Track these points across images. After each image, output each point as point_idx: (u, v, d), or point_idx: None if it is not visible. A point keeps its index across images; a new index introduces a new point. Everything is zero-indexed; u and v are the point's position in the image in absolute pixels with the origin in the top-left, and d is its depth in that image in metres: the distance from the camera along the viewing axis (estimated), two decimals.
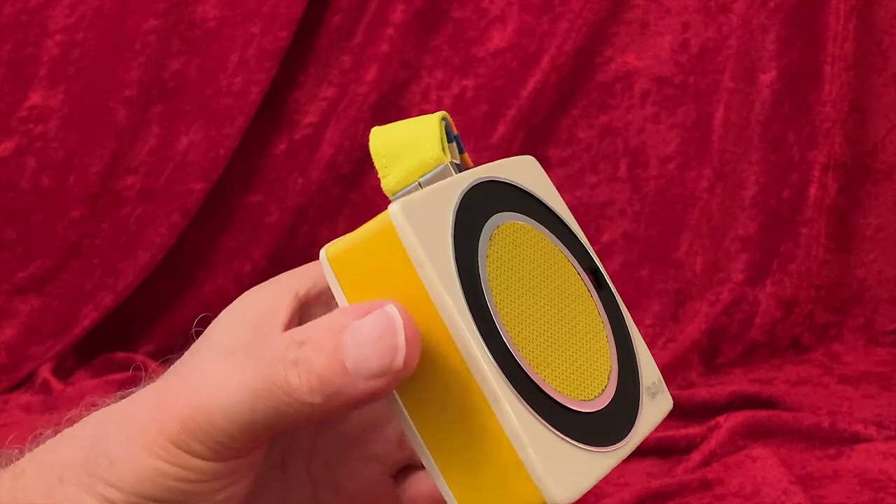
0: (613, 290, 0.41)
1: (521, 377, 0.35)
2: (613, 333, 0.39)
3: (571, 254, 0.39)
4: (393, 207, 0.34)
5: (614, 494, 0.77)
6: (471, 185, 0.37)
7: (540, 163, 0.41)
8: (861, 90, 1.06)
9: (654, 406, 0.40)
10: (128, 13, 1.08)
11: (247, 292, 0.40)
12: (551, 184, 0.40)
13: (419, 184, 0.36)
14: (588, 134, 1.08)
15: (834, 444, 0.82)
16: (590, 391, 0.37)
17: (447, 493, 0.35)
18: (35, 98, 1.08)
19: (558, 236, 0.39)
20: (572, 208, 1.08)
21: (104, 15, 1.08)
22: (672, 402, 0.40)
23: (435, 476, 0.35)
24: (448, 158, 0.36)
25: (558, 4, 1.07)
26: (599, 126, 1.08)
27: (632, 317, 0.41)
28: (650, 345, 1.04)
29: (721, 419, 0.84)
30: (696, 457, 0.81)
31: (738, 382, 0.97)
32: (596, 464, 0.36)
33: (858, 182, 1.07)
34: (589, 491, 0.36)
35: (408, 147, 0.37)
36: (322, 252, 0.35)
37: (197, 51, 1.09)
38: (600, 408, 0.37)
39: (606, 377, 0.38)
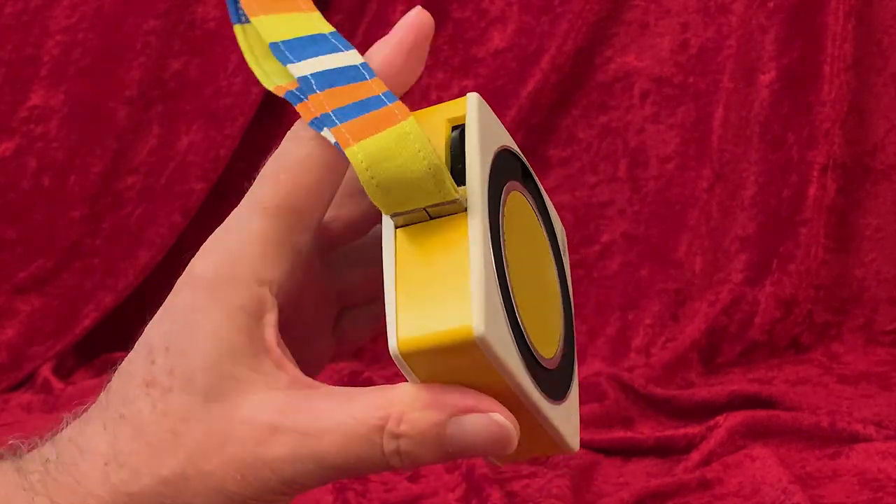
0: (565, 259, 0.44)
1: (516, 324, 0.37)
2: (562, 300, 0.43)
3: (539, 215, 0.42)
4: (478, 329, 0.35)
5: (613, 494, 0.77)
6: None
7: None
8: (860, 90, 1.06)
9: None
10: (128, 14, 1.08)
11: (181, 306, 0.39)
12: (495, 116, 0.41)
13: (426, 211, 0.37)
14: (588, 134, 1.08)
15: (833, 444, 0.82)
16: (549, 350, 0.40)
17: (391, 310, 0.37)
18: (36, 98, 1.08)
19: (533, 198, 0.42)
20: (572, 208, 1.08)
21: (105, 15, 1.08)
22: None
23: (388, 296, 0.37)
24: (457, 195, 0.37)
25: (558, 5, 1.07)
26: (599, 126, 1.08)
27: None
28: (650, 344, 1.04)
29: (720, 419, 0.84)
30: (695, 456, 0.81)
31: (737, 382, 0.97)
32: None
33: (858, 182, 1.07)
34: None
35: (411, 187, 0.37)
36: (393, 347, 0.36)
37: (197, 51, 1.09)
38: (553, 367, 0.40)
39: (559, 339, 0.41)
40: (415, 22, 0.40)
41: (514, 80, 1.06)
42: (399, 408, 0.37)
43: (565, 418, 0.40)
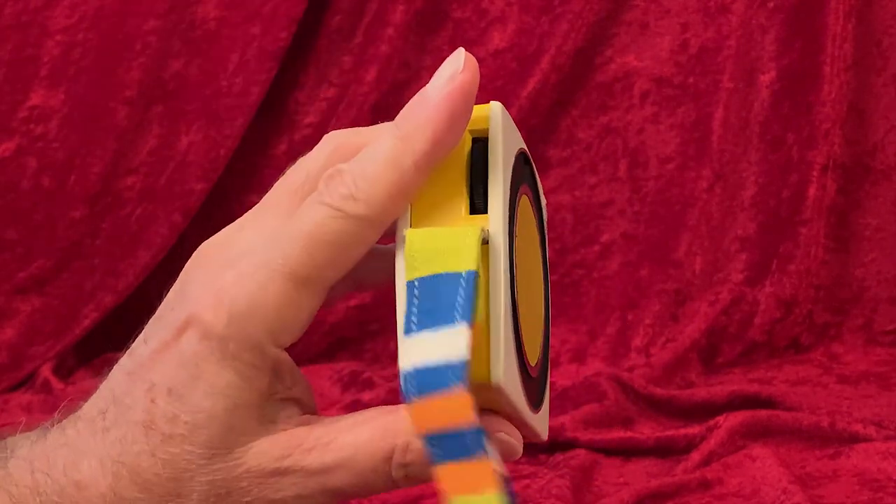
0: (547, 265, 0.45)
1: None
2: (544, 298, 0.43)
3: (535, 209, 0.42)
4: (496, 378, 0.36)
5: (613, 494, 0.77)
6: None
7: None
8: (860, 91, 1.06)
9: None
10: (128, 14, 1.08)
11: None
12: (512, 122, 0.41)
13: None
14: (588, 134, 1.08)
15: (833, 444, 0.82)
16: (533, 357, 0.40)
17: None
18: (36, 98, 1.08)
19: (535, 203, 0.42)
20: (572, 208, 1.08)
21: (105, 15, 1.08)
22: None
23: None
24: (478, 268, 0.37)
25: (558, 5, 1.07)
26: (599, 126, 1.08)
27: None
28: (650, 344, 1.04)
29: (720, 419, 0.84)
30: (695, 456, 0.81)
31: (737, 382, 0.97)
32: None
33: (858, 182, 1.07)
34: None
35: (443, 255, 0.37)
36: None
37: (197, 51, 1.09)
38: (535, 375, 0.41)
39: (539, 347, 0.42)
40: (461, 84, 0.37)
41: (513, 81, 1.06)
42: (404, 438, 0.37)
43: (542, 419, 0.42)
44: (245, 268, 0.37)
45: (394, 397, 0.92)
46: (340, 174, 0.37)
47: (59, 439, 0.39)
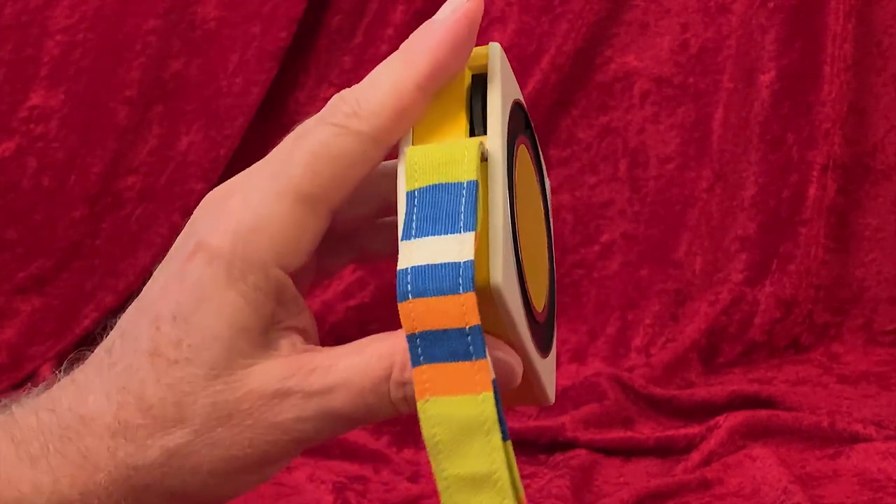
0: (549, 216, 0.45)
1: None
2: (548, 248, 0.44)
3: (535, 168, 0.43)
4: (495, 280, 0.36)
5: (613, 494, 0.77)
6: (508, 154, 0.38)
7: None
8: (860, 91, 1.06)
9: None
10: (128, 14, 1.08)
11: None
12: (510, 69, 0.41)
13: None
14: (588, 134, 1.08)
15: (833, 444, 0.82)
16: (539, 303, 0.41)
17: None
18: (36, 98, 1.08)
19: (531, 150, 0.42)
20: (572, 208, 1.08)
21: (105, 15, 1.08)
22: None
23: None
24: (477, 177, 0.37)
25: (558, 5, 1.07)
26: (599, 126, 1.08)
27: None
28: (650, 344, 1.04)
29: (720, 419, 0.84)
30: (695, 456, 0.81)
31: (737, 382, 0.97)
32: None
33: (858, 182, 1.07)
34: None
35: (443, 167, 0.37)
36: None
37: (197, 51, 1.09)
38: (542, 320, 0.41)
39: (546, 293, 0.42)
40: (466, 11, 0.38)
41: None
42: (402, 355, 0.37)
43: (548, 371, 0.42)
44: (250, 192, 0.38)
45: None
46: (343, 97, 0.38)
47: (66, 383, 0.41)
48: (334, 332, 1.07)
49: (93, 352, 0.42)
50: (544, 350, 0.41)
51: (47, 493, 0.38)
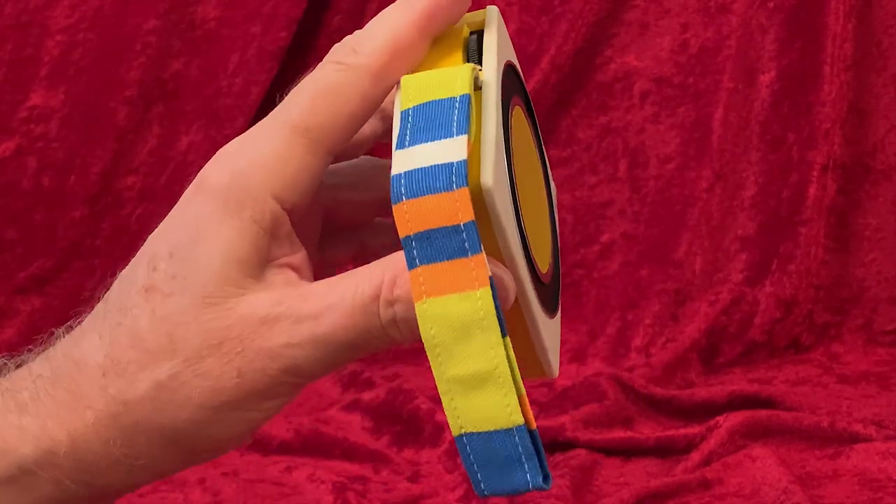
0: (551, 177, 0.45)
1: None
2: (550, 216, 0.43)
3: (534, 134, 0.43)
4: (486, 182, 0.35)
5: (613, 494, 0.77)
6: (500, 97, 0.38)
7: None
8: (860, 90, 1.06)
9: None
10: (128, 14, 1.08)
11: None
12: (507, 33, 0.42)
13: None
14: (588, 134, 1.08)
15: (833, 444, 0.82)
16: (543, 264, 0.40)
17: None
18: (36, 98, 1.08)
19: (529, 115, 0.43)
20: (572, 208, 1.08)
21: (105, 15, 1.08)
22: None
23: None
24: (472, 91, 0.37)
25: (558, 5, 1.07)
26: (599, 126, 1.08)
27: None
28: (650, 344, 1.04)
29: (720, 419, 0.84)
30: (695, 456, 0.81)
31: (737, 382, 0.97)
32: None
33: (858, 182, 1.07)
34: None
35: (437, 86, 0.37)
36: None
37: (197, 51, 1.09)
38: (547, 282, 0.41)
39: (550, 254, 0.42)
40: None
41: None
42: (392, 273, 0.36)
43: (553, 336, 0.41)
44: (251, 133, 0.39)
45: (394, 397, 0.93)
46: (343, 40, 0.39)
47: (63, 336, 0.41)
48: None
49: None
50: (550, 310, 0.41)
51: (33, 437, 0.38)
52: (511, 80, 0.41)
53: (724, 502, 0.76)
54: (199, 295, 0.37)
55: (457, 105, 0.36)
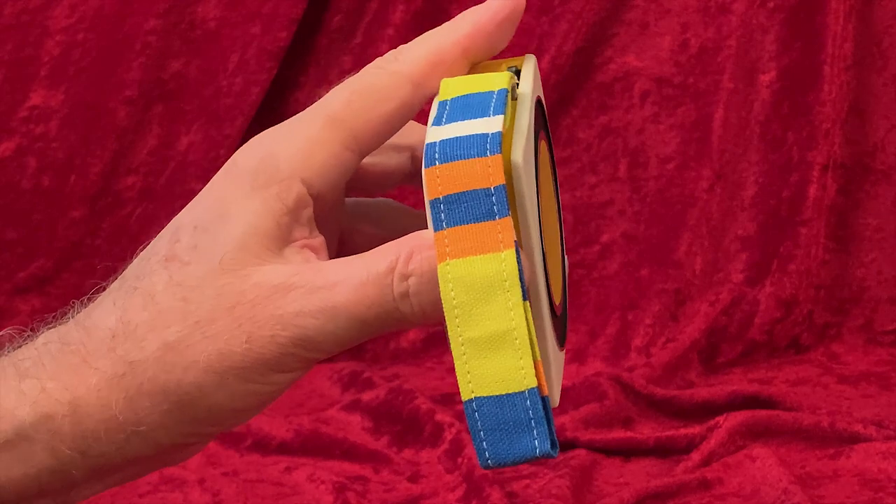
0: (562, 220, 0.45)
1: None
2: (562, 256, 0.43)
3: (552, 175, 0.43)
4: (516, 158, 0.36)
5: (614, 494, 0.77)
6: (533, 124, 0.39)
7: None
8: (861, 90, 1.06)
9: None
10: (128, 14, 1.08)
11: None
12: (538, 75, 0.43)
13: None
14: (588, 134, 1.08)
15: (833, 444, 0.83)
16: (557, 296, 0.41)
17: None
18: (35, 98, 1.08)
19: (550, 155, 0.43)
20: (572, 208, 1.08)
21: (105, 15, 1.08)
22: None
23: None
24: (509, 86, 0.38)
25: (558, 5, 1.07)
26: (599, 126, 1.08)
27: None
28: (650, 344, 1.04)
29: (721, 419, 0.84)
30: (695, 456, 0.81)
31: (737, 382, 0.97)
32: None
33: (858, 182, 1.07)
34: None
35: (475, 83, 0.38)
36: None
37: (197, 51, 1.09)
38: (559, 314, 0.41)
39: (561, 293, 0.42)
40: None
41: None
42: (409, 248, 0.37)
43: (558, 368, 0.41)
44: (286, 121, 0.40)
45: (394, 397, 0.93)
46: (388, 52, 0.41)
47: (77, 310, 0.40)
48: None
49: None
50: (559, 342, 0.41)
51: (31, 401, 0.38)
52: (540, 114, 0.41)
53: (724, 502, 0.76)
54: (216, 262, 0.37)
55: (494, 97, 0.37)
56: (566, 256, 0.45)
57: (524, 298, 0.35)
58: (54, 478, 0.38)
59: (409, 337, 1.07)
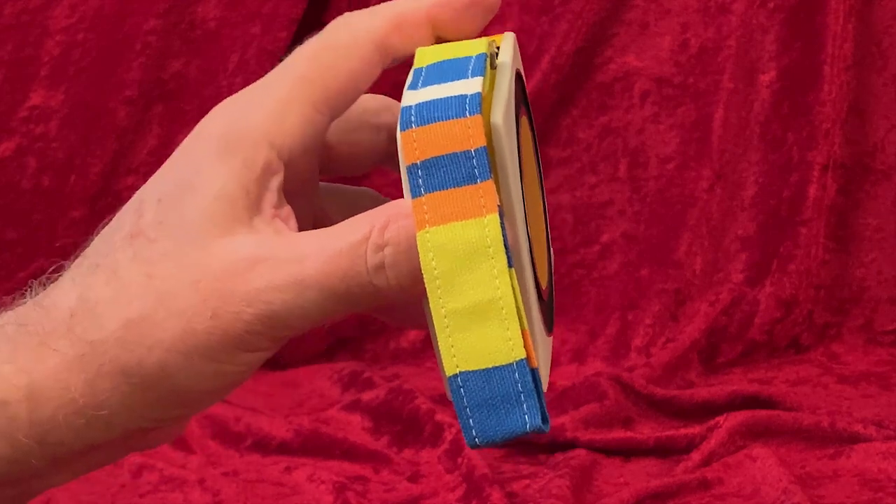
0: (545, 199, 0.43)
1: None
2: (546, 240, 0.42)
3: (534, 143, 0.42)
4: (495, 119, 0.35)
5: (614, 494, 0.77)
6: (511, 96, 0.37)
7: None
8: (861, 90, 1.06)
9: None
10: (128, 14, 1.08)
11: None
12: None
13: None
14: (588, 134, 1.08)
15: (833, 444, 0.83)
16: (543, 280, 0.39)
17: None
18: (36, 98, 1.08)
19: (532, 131, 0.42)
20: (572, 208, 1.08)
21: (105, 15, 1.08)
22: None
23: None
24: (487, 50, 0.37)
25: (558, 5, 1.07)
26: (599, 126, 1.08)
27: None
28: (650, 344, 1.04)
29: (721, 419, 0.84)
30: (695, 456, 0.81)
31: (737, 382, 0.97)
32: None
33: (858, 182, 1.07)
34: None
35: (452, 49, 0.37)
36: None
37: (197, 51, 1.09)
38: (546, 298, 0.39)
39: (547, 272, 0.40)
40: None
41: None
42: (384, 217, 0.35)
43: (546, 353, 0.39)
44: (252, 84, 0.39)
45: (394, 397, 0.93)
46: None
47: (35, 291, 0.38)
48: (335, 333, 1.07)
49: None
50: (547, 328, 0.39)
51: None
52: (520, 88, 0.40)
53: (724, 502, 0.76)
54: (183, 236, 0.35)
55: (472, 61, 0.36)
56: (551, 247, 0.43)
57: (509, 265, 0.33)
58: (12, 468, 0.36)
59: (409, 337, 1.07)
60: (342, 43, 0.38)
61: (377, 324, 1.08)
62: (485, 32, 0.40)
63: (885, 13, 1.06)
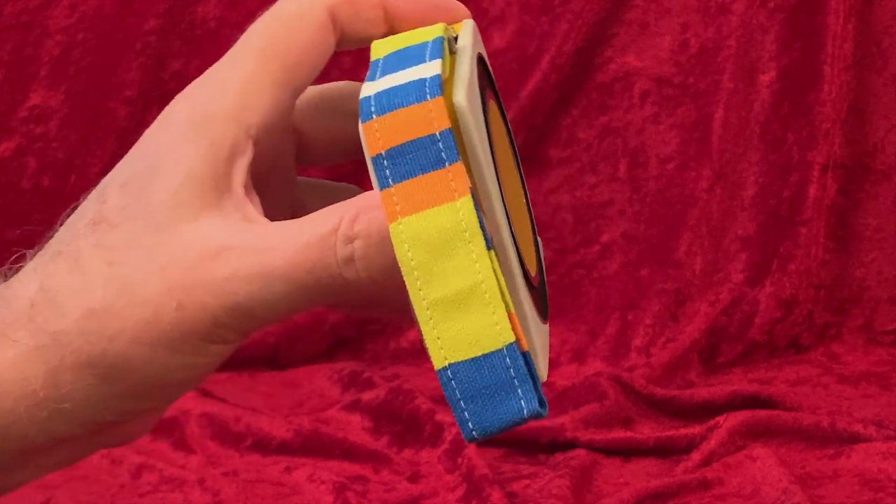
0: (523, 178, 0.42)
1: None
2: (532, 228, 0.40)
3: (507, 130, 0.40)
4: (459, 101, 0.33)
5: (614, 494, 0.77)
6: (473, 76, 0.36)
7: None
8: (861, 90, 1.06)
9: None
10: (128, 13, 1.08)
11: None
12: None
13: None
14: (588, 134, 1.08)
15: (833, 444, 0.83)
16: (532, 267, 0.38)
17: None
18: (35, 98, 1.08)
19: (503, 116, 0.40)
20: (572, 208, 1.08)
21: (104, 15, 1.08)
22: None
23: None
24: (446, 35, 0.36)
25: (558, 5, 1.07)
26: (599, 126, 1.08)
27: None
28: (650, 344, 1.04)
29: (721, 419, 0.84)
30: (695, 456, 0.81)
31: (737, 382, 0.97)
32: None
33: (858, 182, 1.07)
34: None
35: (408, 38, 0.36)
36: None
37: (197, 51, 1.09)
38: (536, 285, 0.38)
39: (535, 262, 0.39)
40: None
41: (514, 81, 1.06)
42: (355, 209, 0.33)
43: (542, 341, 0.37)
44: (216, 64, 0.37)
45: (394, 397, 0.93)
46: None
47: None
48: (335, 333, 1.07)
49: None
50: (541, 314, 0.38)
51: None
52: (484, 71, 0.39)
53: (724, 502, 0.76)
54: (148, 221, 0.34)
55: (429, 45, 0.35)
56: (538, 236, 0.42)
57: (488, 247, 0.32)
58: None
59: (409, 337, 1.07)
60: (292, 14, 0.37)
61: (377, 324, 1.08)
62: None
63: (885, 13, 1.06)
